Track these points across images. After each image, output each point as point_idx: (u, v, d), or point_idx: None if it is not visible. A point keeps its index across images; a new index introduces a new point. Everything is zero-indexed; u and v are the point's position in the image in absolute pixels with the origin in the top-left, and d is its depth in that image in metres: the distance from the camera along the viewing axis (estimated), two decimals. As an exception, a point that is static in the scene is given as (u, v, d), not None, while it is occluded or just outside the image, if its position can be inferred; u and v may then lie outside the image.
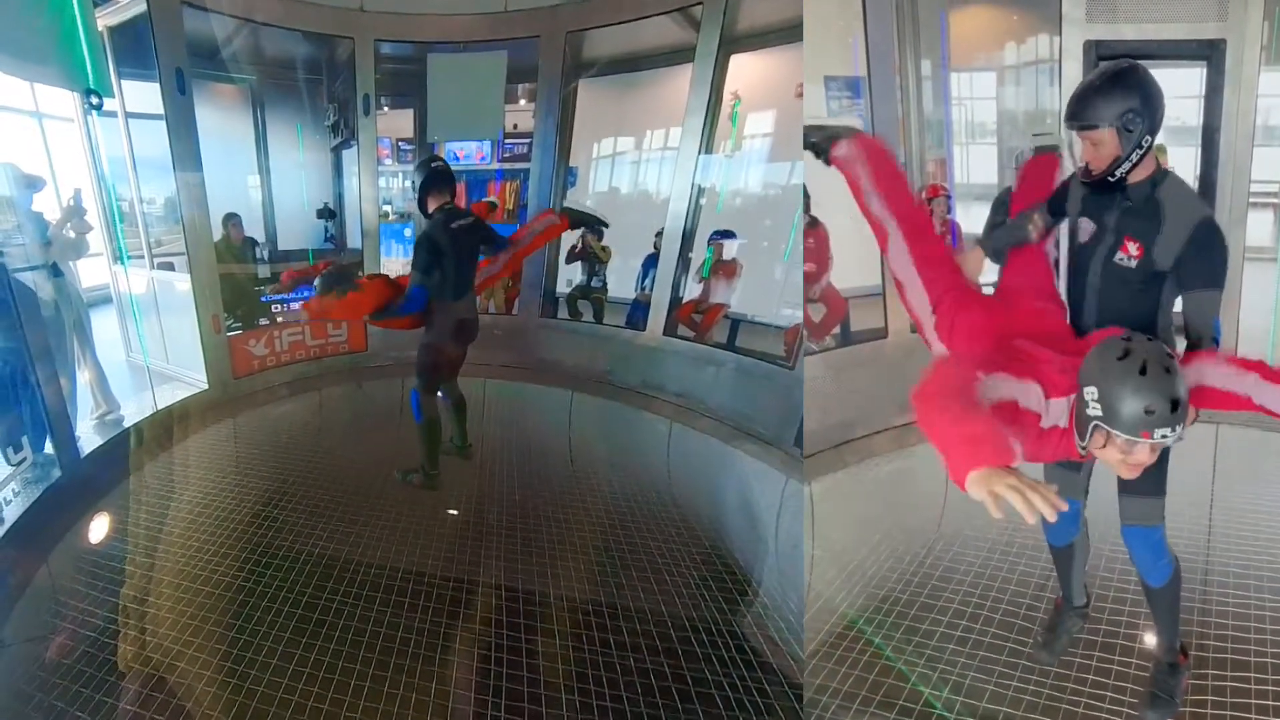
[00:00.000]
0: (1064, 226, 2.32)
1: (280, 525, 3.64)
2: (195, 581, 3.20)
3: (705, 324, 5.37)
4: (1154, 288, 2.10)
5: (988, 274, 2.56)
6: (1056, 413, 1.91)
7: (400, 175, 6.53)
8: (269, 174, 5.81)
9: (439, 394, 4.03)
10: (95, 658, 2.74)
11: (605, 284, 6.17)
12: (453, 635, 2.97)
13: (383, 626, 2.97)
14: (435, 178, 3.78)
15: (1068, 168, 2.29)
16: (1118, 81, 1.99)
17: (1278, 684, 2.45)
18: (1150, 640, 2.68)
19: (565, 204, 4.49)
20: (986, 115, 5.49)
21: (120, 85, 4.52)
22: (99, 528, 3.42)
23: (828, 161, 2.51)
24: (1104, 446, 1.84)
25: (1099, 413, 1.80)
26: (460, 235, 3.78)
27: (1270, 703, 2.37)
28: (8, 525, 3.07)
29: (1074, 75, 4.06)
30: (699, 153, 5.01)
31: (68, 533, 3.28)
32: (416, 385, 3.90)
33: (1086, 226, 2.21)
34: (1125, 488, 2.22)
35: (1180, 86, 4.83)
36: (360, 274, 4.17)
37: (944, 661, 2.76)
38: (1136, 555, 2.31)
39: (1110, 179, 2.05)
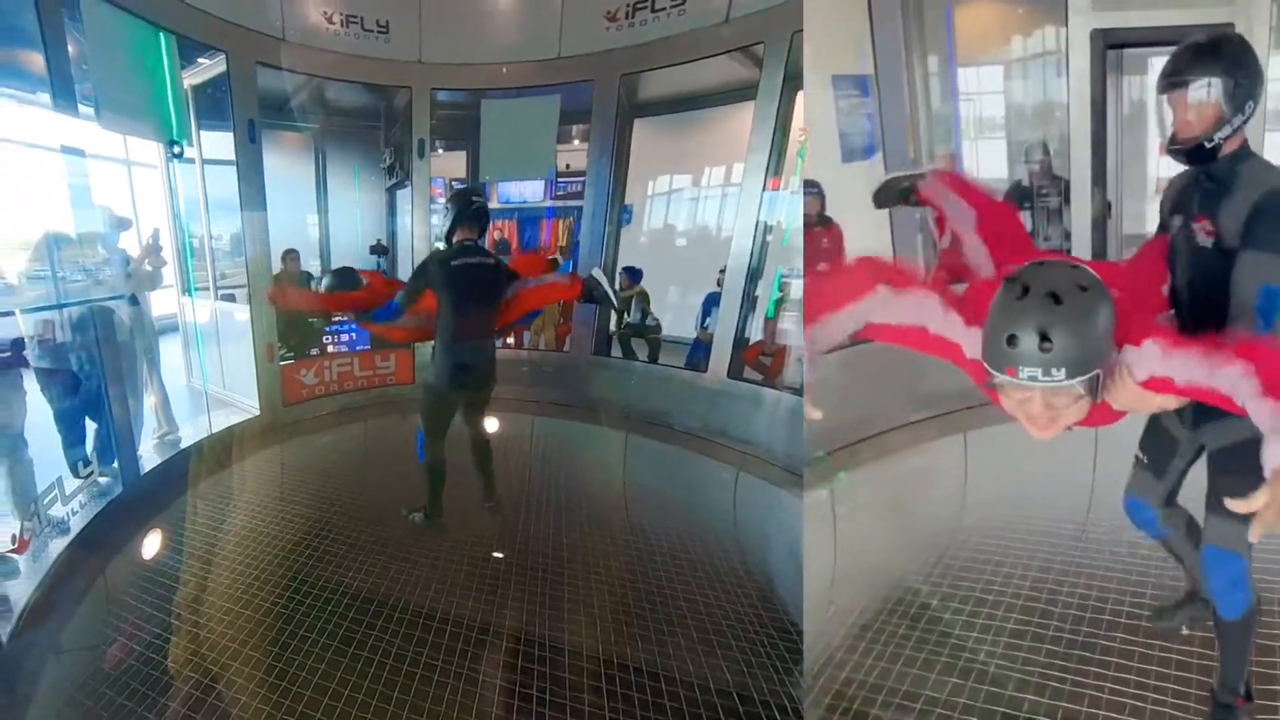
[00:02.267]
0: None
1: (320, 554, 3.99)
2: (237, 604, 3.54)
3: (775, 366, 5.43)
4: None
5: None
6: None
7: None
8: (327, 213, 6.56)
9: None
10: (140, 671, 3.06)
11: (658, 323, 6.55)
12: (489, 684, 3.11)
13: (419, 667, 3.16)
14: (464, 215, 4.00)
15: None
16: (1223, 43, 2.02)
17: None
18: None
19: (593, 273, 4.36)
20: (995, 109, 5.61)
21: (199, 135, 5.33)
22: (153, 543, 3.87)
23: (917, 202, 2.68)
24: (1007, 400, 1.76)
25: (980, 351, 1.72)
26: (460, 274, 3.89)
27: None
28: (73, 534, 3.53)
29: (1081, 66, 4.23)
30: (763, 189, 5.16)
31: (126, 545, 3.73)
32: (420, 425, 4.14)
33: (1175, 221, 2.20)
34: (1212, 506, 2.16)
35: None
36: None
37: (967, 650, 2.93)
38: (1212, 581, 2.25)
39: (1206, 144, 2.01)
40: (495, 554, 4.17)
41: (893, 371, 4.14)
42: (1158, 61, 4.87)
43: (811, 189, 4.66)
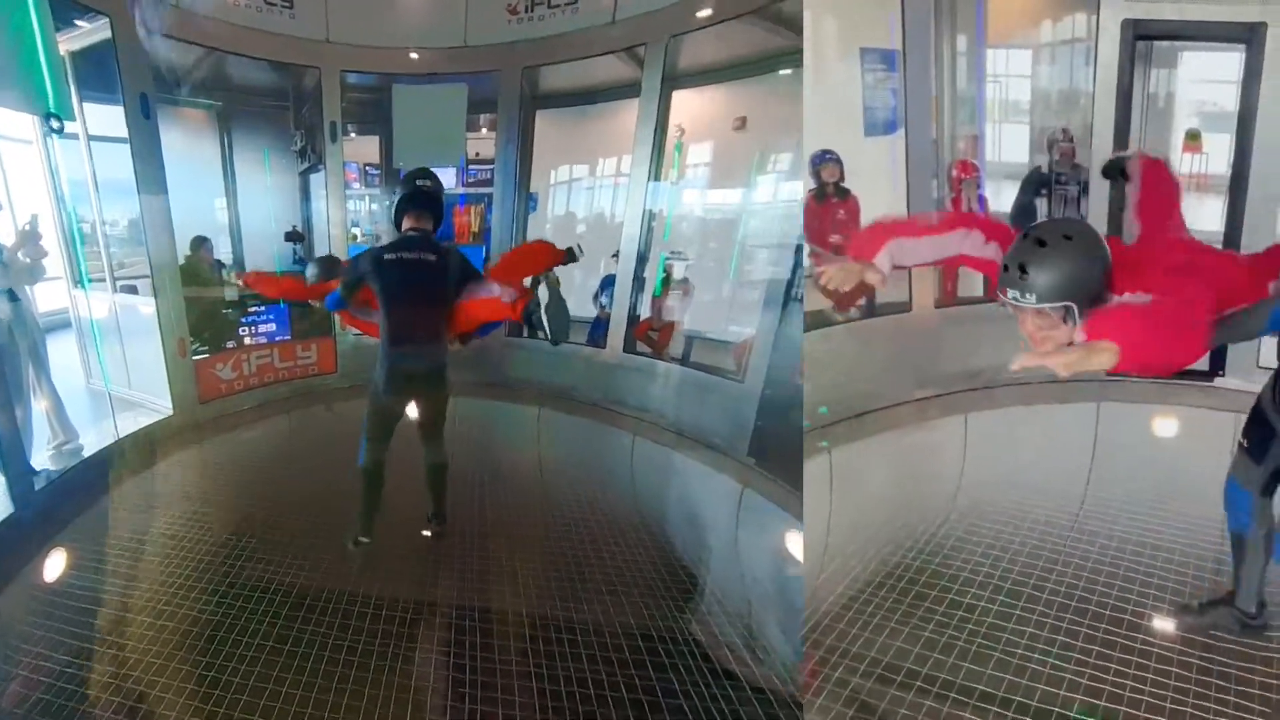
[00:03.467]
0: None
1: (249, 555, 3.26)
2: (160, 617, 2.82)
3: (661, 340, 5.30)
4: None
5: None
6: None
7: (367, 199, 6.26)
8: (235, 197, 5.43)
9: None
10: (52, 704, 2.38)
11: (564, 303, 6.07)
12: (425, 660, 2.71)
13: (355, 654, 2.67)
14: (410, 199, 3.13)
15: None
16: None
17: None
18: (1155, 624, 2.63)
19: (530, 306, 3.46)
20: (1020, 94, 5.00)
21: (81, 108, 4.12)
22: (55, 564, 3.01)
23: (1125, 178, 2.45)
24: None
25: None
26: (393, 269, 3.03)
27: (1274, 695, 2.26)
28: None
29: (1109, 55, 3.74)
30: (648, 180, 4.99)
31: (21, 570, 2.89)
32: None
33: None
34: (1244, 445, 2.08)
35: (1218, 71, 4.60)
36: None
37: (951, 628, 2.66)
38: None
39: None
40: (424, 532, 3.56)
41: (900, 348, 4.01)
42: (1189, 55, 4.59)
43: (829, 156, 4.19)
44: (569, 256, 3.36)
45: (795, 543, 3.23)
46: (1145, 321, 1.76)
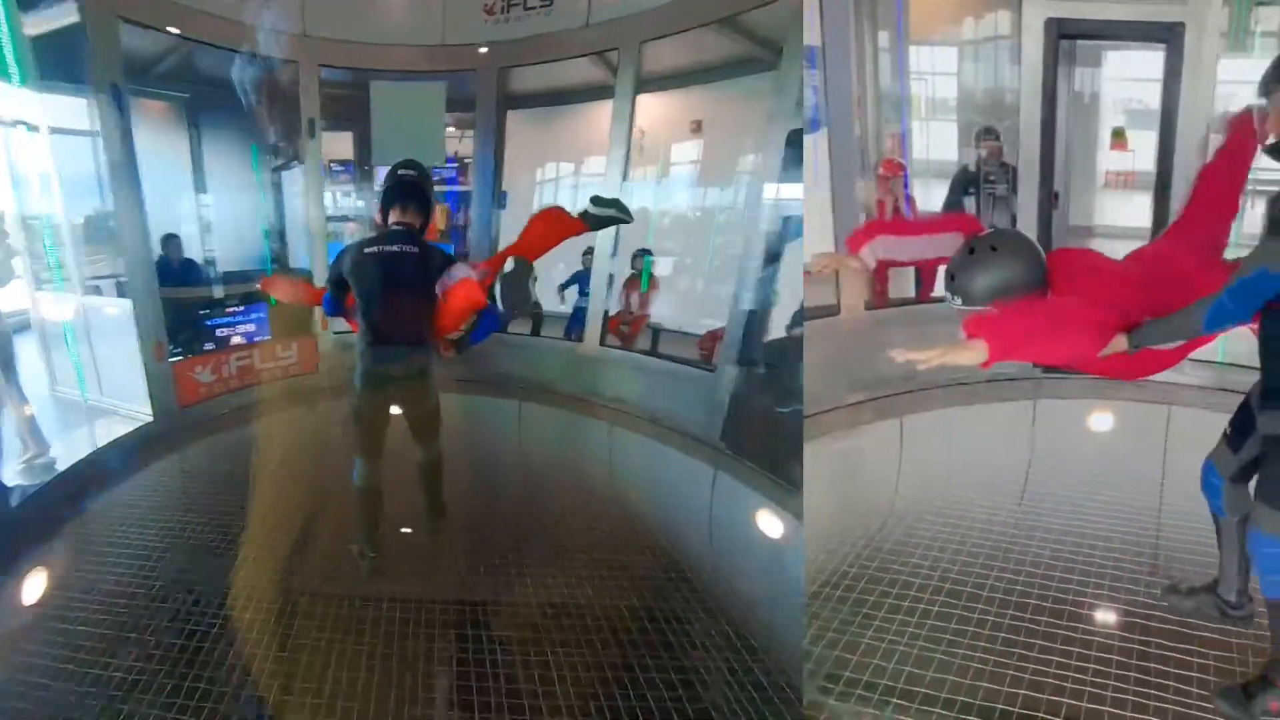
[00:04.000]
0: None
1: (234, 560, 2.96)
2: (146, 633, 2.54)
3: (632, 333, 5.21)
4: None
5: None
6: None
7: (334, 194, 5.81)
8: (205, 194, 4.94)
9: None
10: None
11: (538, 299, 5.87)
12: (417, 652, 2.54)
13: (347, 655, 2.48)
14: (393, 190, 2.79)
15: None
16: None
17: (1217, 658, 2.28)
18: (1095, 614, 2.54)
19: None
20: (946, 91, 4.65)
21: (41, 99, 3.57)
22: (34, 586, 2.64)
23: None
24: None
25: None
26: (370, 264, 2.70)
27: (1211, 677, 2.19)
28: None
29: (1033, 54, 3.59)
30: (622, 180, 4.83)
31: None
32: None
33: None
34: (1261, 491, 1.96)
35: (1141, 69, 4.39)
36: None
37: (891, 632, 2.50)
38: (1258, 561, 1.99)
39: None
40: (403, 529, 3.29)
41: (830, 352, 3.81)
42: (1113, 55, 4.43)
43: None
44: (591, 222, 3.02)
45: (771, 522, 3.16)
46: (1019, 321, 1.84)
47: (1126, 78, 4.91)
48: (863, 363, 3.78)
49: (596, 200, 3.09)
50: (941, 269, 2.19)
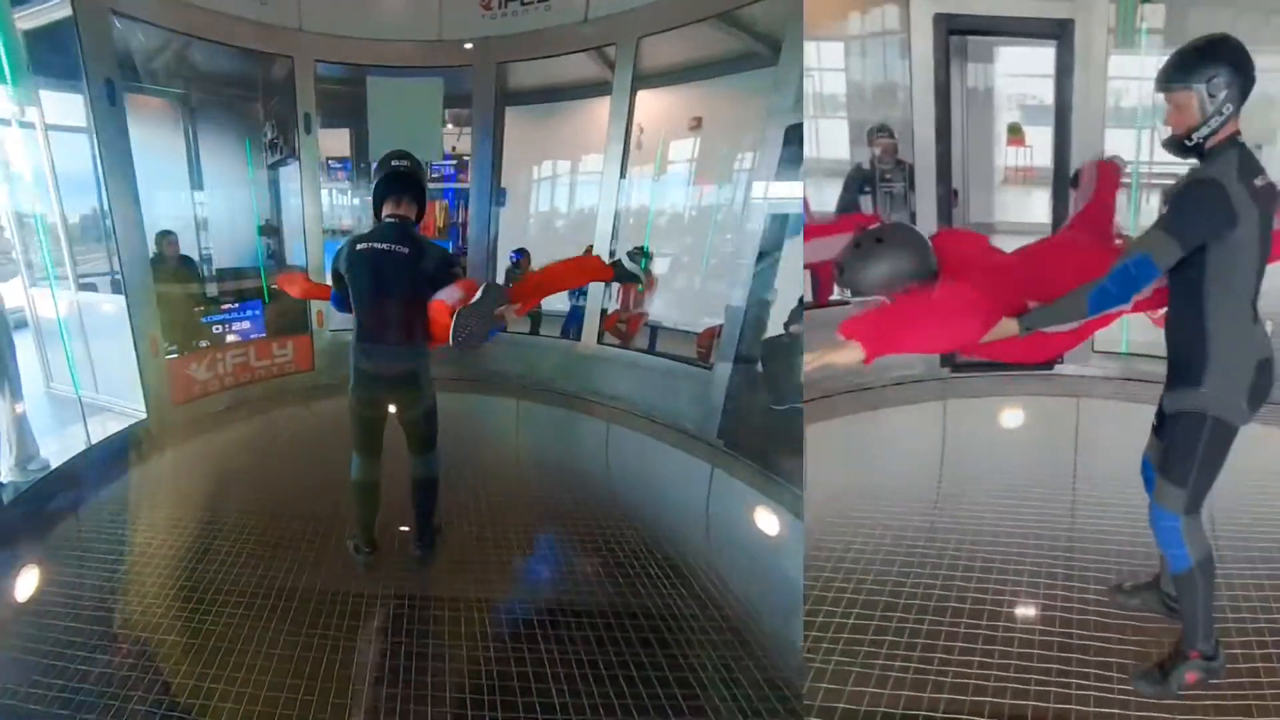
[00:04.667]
0: None
1: (229, 559, 2.96)
2: (140, 629, 2.54)
3: (630, 331, 5.20)
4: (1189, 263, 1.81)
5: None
6: None
7: (331, 191, 5.81)
8: (201, 190, 4.92)
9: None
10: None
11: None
12: (413, 652, 2.51)
13: (339, 652, 2.47)
14: (386, 182, 2.73)
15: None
16: (1207, 48, 1.78)
17: (1135, 643, 2.28)
18: (1016, 610, 2.50)
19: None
20: (836, 87, 4.51)
21: (38, 95, 3.61)
22: (28, 582, 2.63)
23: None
24: None
25: None
26: (361, 260, 2.68)
27: (1130, 661, 2.19)
28: None
29: (924, 49, 3.58)
30: (620, 177, 4.83)
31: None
32: None
33: None
34: (1159, 466, 2.02)
35: (1035, 66, 4.45)
36: None
37: (804, 650, 2.40)
38: (1157, 536, 2.04)
39: (1186, 143, 1.82)
40: (402, 528, 3.25)
41: None
42: (1005, 50, 4.40)
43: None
44: (619, 273, 3.11)
45: (768, 521, 3.16)
46: (894, 316, 1.95)
47: (1020, 73, 4.91)
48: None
49: (633, 255, 3.12)
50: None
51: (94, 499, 3.18)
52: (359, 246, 2.69)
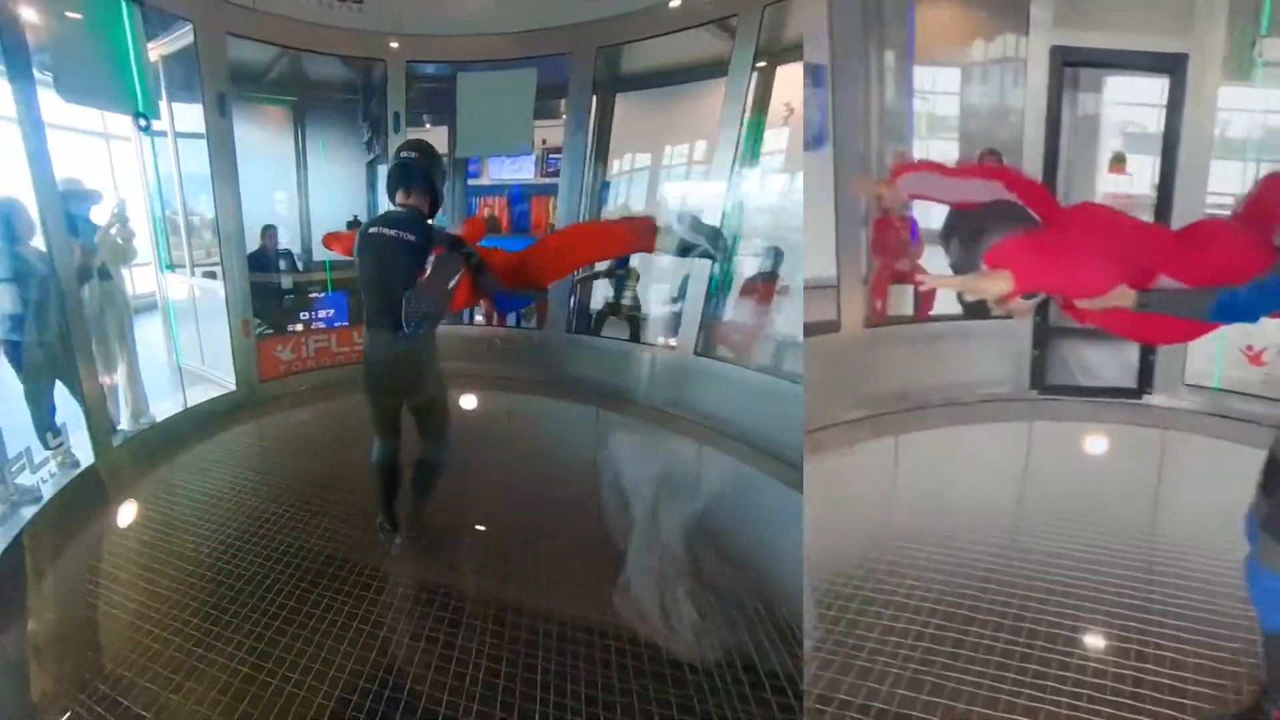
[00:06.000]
0: None
1: (284, 521, 3.94)
2: (210, 569, 3.56)
3: (746, 343, 5.44)
4: None
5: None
6: None
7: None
8: (306, 188, 6.53)
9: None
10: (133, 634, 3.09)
11: (638, 301, 6.46)
12: (435, 641, 3.08)
13: (367, 627, 3.15)
14: (391, 173, 3.28)
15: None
16: None
17: (1211, 685, 2.64)
18: (1089, 639, 2.96)
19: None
20: (949, 109, 5.52)
21: (170, 108, 5.31)
22: (127, 513, 3.96)
23: None
24: None
25: None
26: (365, 245, 3.18)
27: (1205, 705, 2.52)
28: (44, 501, 3.66)
29: (1038, 79, 4.34)
30: (732, 166, 5.16)
31: (99, 515, 3.86)
32: None
33: None
34: (1266, 524, 2.21)
35: (1141, 94, 5.50)
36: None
37: (885, 654, 2.92)
38: (1253, 593, 2.25)
39: None
40: (478, 526, 4.03)
41: (829, 369, 4.44)
42: (1114, 80, 5.58)
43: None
44: (679, 245, 3.52)
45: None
46: (1038, 248, 2.16)
47: (1126, 102, 5.85)
48: (861, 380, 4.50)
49: (696, 225, 3.62)
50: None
51: (186, 452, 4.54)
52: (369, 231, 3.21)
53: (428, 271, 3.09)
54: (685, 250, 3.76)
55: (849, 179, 4.52)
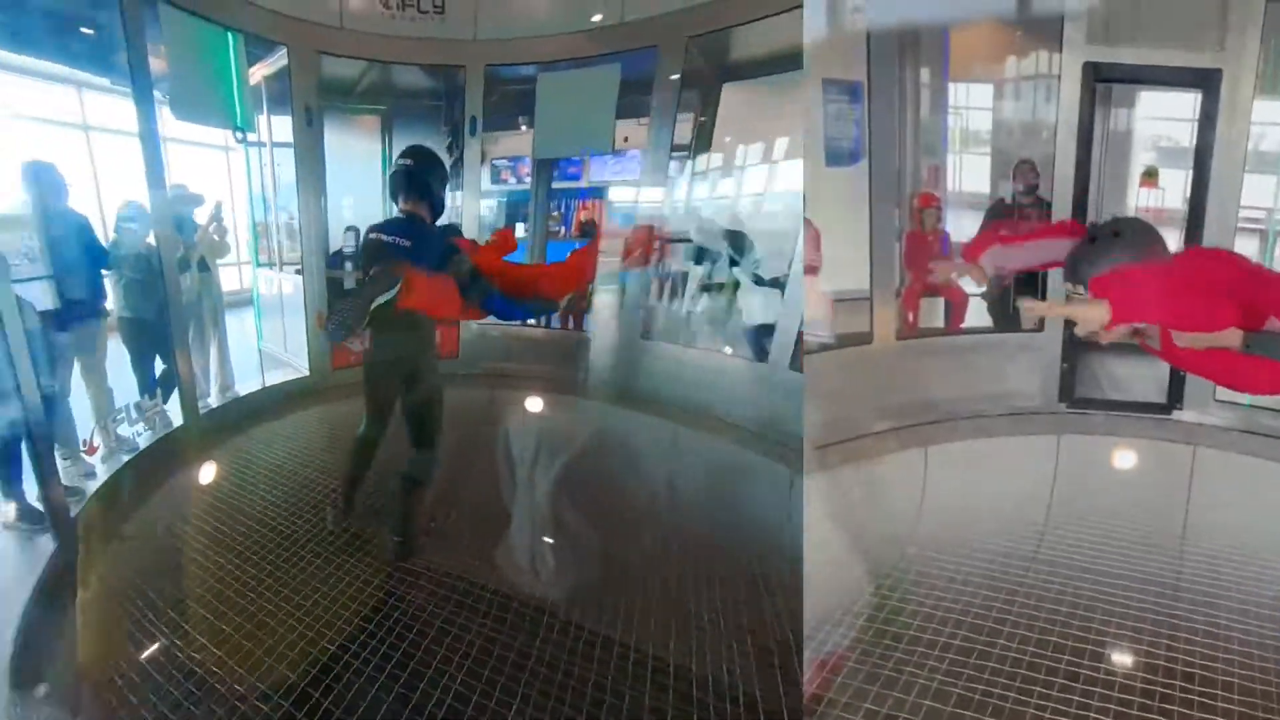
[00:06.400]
0: None
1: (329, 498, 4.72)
2: (262, 526, 4.53)
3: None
4: None
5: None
6: None
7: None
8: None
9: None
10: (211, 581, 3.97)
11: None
12: (506, 646, 3.47)
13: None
14: (391, 179, 3.88)
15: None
16: None
17: (1242, 703, 2.95)
18: (1116, 655, 3.30)
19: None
20: (981, 124, 6.16)
21: (269, 122, 6.56)
22: (208, 473, 5.15)
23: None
24: None
25: None
26: (372, 252, 3.79)
27: None
28: (138, 450, 4.80)
29: (1071, 95, 4.73)
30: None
31: (184, 470, 5.00)
32: None
33: None
34: None
35: (1173, 109, 6.03)
36: None
37: (912, 663, 3.28)
38: None
39: None
40: (546, 538, 4.45)
41: (860, 380, 4.97)
42: (1146, 95, 6.16)
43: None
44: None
45: None
46: (1146, 282, 2.28)
47: (1158, 117, 6.36)
48: (891, 391, 4.92)
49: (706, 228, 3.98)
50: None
51: (261, 425, 5.70)
52: (369, 236, 3.78)
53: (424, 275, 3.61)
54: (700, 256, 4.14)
55: (884, 195, 5.02)
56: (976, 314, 5.70)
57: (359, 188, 7.32)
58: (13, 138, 4.78)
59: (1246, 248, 5.29)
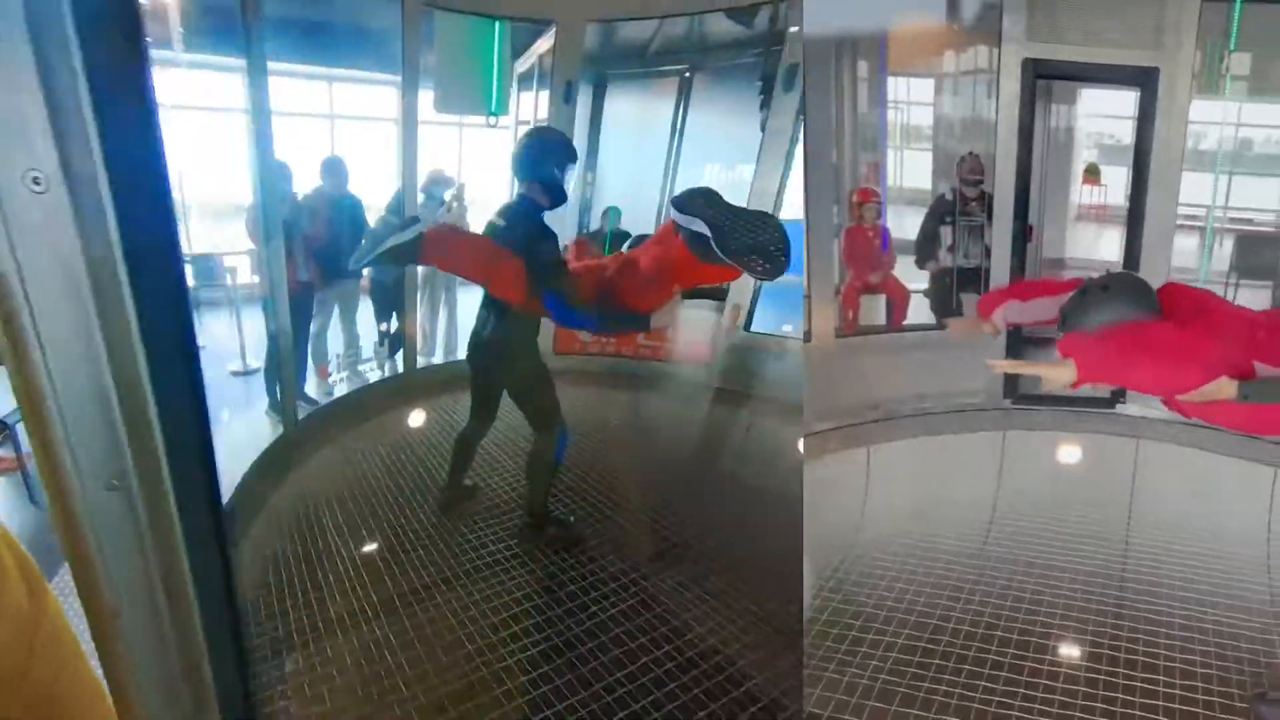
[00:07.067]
0: None
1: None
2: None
3: None
4: None
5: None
6: None
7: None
8: (677, 162, 6.98)
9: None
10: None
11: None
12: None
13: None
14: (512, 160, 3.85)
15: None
16: None
17: (1184, 687, 3.11)
18: (1061, 646, 3.41)
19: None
20: (922, 120, 6.43)
21: (537, 99, 6.64)
22: (418, 417, 5.85)
23: None
24: None
25: None
26: (487, 231, 3.86)
27: (1177, 705, 3.01)
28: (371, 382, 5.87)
29: (1011, 91, 4.74)
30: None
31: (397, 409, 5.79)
32: None
33: None
34: None
35: (1115, 107, 6.49)
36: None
37: (854, 665, 3.30)
38: None
39: None
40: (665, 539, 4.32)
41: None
42: (1087, 92, 6.59)
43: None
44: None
45: None
46: (1114, 343, 2.38)
47: (1099, 114, 7.05)
48: (831, 390, 4.79)
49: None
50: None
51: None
52: (490, 219, 3.89)
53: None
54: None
55: (820, 190, 4.86)
56: (919, 311, 5.70)
57: (635, 161, 7.04)
58: (283, 130, 5.73)
59: (1185, 245, 5.55)
